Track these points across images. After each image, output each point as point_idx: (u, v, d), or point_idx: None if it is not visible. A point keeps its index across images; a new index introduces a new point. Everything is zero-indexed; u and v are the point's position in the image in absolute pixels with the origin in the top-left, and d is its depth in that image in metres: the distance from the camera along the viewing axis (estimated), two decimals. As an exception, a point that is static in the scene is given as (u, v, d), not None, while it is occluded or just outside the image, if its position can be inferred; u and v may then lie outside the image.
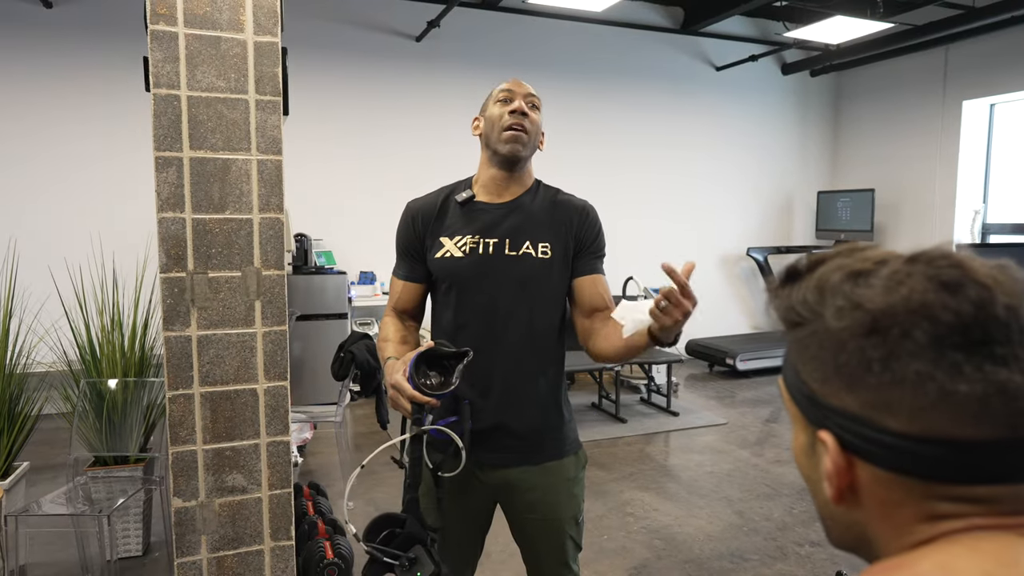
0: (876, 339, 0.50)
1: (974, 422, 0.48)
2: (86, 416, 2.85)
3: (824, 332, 0.54)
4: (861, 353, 0.51)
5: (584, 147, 6.61)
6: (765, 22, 6.97)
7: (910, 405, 0.49)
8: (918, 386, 0.48)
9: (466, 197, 1.58)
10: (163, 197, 1.93)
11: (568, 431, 1.63)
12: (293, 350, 5.05)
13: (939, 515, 0.51)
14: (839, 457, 0.52)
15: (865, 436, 0.51)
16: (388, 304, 1.70)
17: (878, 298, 0.51)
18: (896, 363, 0.49)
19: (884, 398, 0.50)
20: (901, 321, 0.49)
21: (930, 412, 0.48)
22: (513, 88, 1.57)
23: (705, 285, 7.25)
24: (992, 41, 6.04)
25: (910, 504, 0.51)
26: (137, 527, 2.95)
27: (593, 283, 1.58)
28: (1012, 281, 0.50)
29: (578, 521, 1.64)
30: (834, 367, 0.53)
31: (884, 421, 0.50)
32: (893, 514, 0.52)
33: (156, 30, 1.89)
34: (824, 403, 0.54)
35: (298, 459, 3.72)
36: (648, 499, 3.64)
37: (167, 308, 1.96)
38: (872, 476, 0.52)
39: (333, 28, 5.76)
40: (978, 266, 0.50)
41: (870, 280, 0.53)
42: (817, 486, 0.57)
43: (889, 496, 0.52)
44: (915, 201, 6.86)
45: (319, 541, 2.62)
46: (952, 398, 0.48)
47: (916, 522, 0.51)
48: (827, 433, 0.53)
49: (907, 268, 0.52)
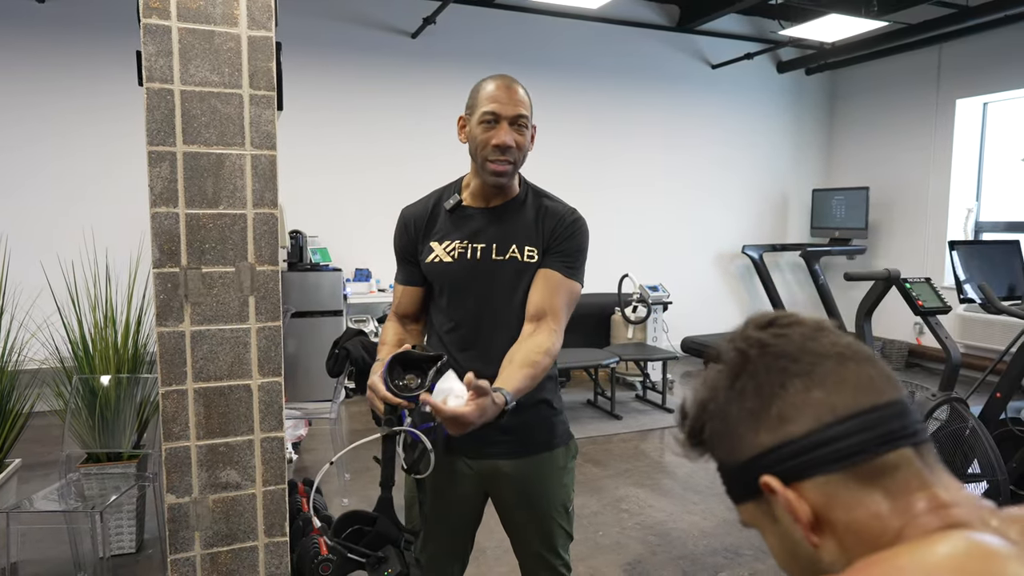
0: (741, 380, 0.63)
1: (837, 403, 0.60)
2: (79, 413, 2.83)
3: (715, 411, 0.65)
4: (738, 395, 0.63)
5: (580, 144, 6.60)
6: (761, 20, 6.98)
7: (791, 407, 0.60)
8: (785, 393, 0.61)
9: (454, 203, 1.60)
10: (156, 192, 1.92)
11: (558, 423, 1.65)
12: (288, 347, 5.03)
13: (891, 511, 0.57)
14: (787, 490, 0.60)
15: (787, 455, 0.60)
16: (391, 308, 1.73)
17: (726, 354, 0.66)
18: (763, 386, 0.62)
19: (775, 415, 0.61)
20: (751, 359, 0.63)
21: (804, 408, 0.60)
22: (499, 109, 1.48)
23: (700, 282, 7.27)
24: (985, 40, 6.06)
25: (860, 506, 0.58)
26: (130, 524, 2.94)
27: (539, 277, 1.54)
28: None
29: (568, 510, 1.67)
30: (733, 425, 0.63)
31: (789, 431, 0.60)
32: (855, 522, 0.58)
33: (149, 24, 1.87)
34: (749, 460, 0.63)
35: (292, 456, 3.71)
36: (643, 495, 3.64)
37: (160, 304, 1.95)
38: (819, 493, 0.59)
39: (328, 24, 5.74)
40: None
41: (719, 354, 0.68)
42: (802, 560, 0.62)
43: (841, 503, 0.58)
44: (909, 199, 6.89)
45: (313, 537, 2.61)
46: (808, 395, 0.60)
47: (879, 522, 0.57)
48: (766, 476, 0.61)
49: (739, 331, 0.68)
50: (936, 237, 6.55)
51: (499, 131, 1.49)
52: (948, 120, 6.49)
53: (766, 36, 6.88)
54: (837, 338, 0.64)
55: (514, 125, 1.50)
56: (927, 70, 6.64)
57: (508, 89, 1.50)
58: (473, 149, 1.54)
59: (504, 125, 1.49)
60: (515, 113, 1.49)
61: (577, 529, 3.13)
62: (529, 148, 1.58)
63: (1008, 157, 6.21)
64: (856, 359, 0.62)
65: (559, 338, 1.51)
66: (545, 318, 1.50)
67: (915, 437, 0.60)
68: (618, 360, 5.07)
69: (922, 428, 0.61)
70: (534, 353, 1.45)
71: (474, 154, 1.55)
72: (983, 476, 2.70)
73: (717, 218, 7.35)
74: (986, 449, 2.66)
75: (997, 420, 3.07)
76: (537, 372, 1.44)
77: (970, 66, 6.28)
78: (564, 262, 1.56)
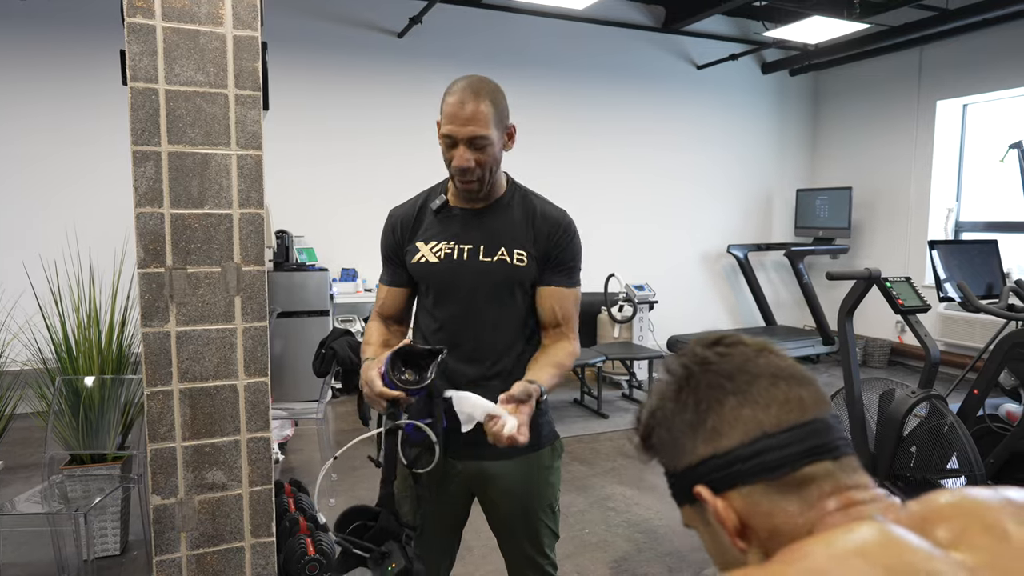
0: (684, 393, 0.69)
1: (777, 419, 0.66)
2: (62, 414, 2.81)
3: (661, 420, 0.71)
4: (681, 407, 0.69)
5: (565, 145, 6.63)
6: (745, 21, 7.04)
7: (724, 422, 0.66)
8: (720, 408, 0.67)
9: (440, 204, 1.61)
10: (141, 192, 1.91)
11: (544, 424, 1.66)
12: (274, 347, 5.01)
13: (805, 515, 0.63)
14: (715, 499, 0.65)
15: (718, 467, 0.66)
16: (374, 309, 1.73)
17: (674, 368, 0.72)
18: (702, 401, 0.68)
19: (710, 428, 0.66)
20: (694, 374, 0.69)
21: (735, 423, 0.66)
22: (454, 132, 1.45)
23: (686, 282, 7.31)
24: (965, 42, 6.14)
25: (779, 513, 0.63)
26: (115, 526, 2.92)
27: (549, 296, 1.60)
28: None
29: (554, 509, 1.68)
30: (676, 435, 0.69)
31: (721, 444, 0.66)
32: (775, 529, 0.63)
33: (133, 23, 1.87)
34: (686, 468, 0.68)
35: (279, 456, 3.70)
36: (629, 493, 3.67)
37: (145, 304, 1.94)
38: (744, 502, 0.65)
39: (314, 23, 5.72)
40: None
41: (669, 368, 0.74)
42: (730, 564, 0.68)
43: (763, 511, 0.64)
44: (891, 199, 6.97)
45: (300, 537, 2.61)
46: (740, 412, 0.66)
47: (793, 525, 0.63)
48: (699, 486, 0.67)
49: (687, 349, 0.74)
50: (917, 237, 6.63)
51: (456, 154, 1.47)
52: (929, 121, 6.58)
53: (750, 37, 6.94)
54: (775, 360, 0.70)
55: (471, 145, 1.46)
56: (908, 72, 6.73)
57: (463, 106, 1.44)
58: (445, 162, 1.54)
59: (461, 148, 1.46)
60: (469, 135, 1.45)
61: (563, 527, 3.15)
62: (507, 148, 1.56)
63: (987, 158, 6.31)
64: (788, 380, 0.68)
65: (578, 342, 1.65)
66: (561, 327, 1.61)
67: (835, 452, 0.65)
68: (604, 359, 5.09)
69: (843, 443, 0.67)
70: (559, 355, 1.57)
71: (446, 166, 1.55)
72: (961, 471, 2.75)
73: (703, 218, 7.40)
74: (964, 445, 2.70)
75: (975, 416, 3.12)
76: (563, 372, 1.56)
77: (950, 68, 6.37)
78: (566, 273, 1.61)
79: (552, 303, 1.60)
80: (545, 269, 1.60)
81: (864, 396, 3.11)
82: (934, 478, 2.81)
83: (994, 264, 3.36)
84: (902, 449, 2.89)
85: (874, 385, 3.15)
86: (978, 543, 0.58)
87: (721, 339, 0.72)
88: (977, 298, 3.03)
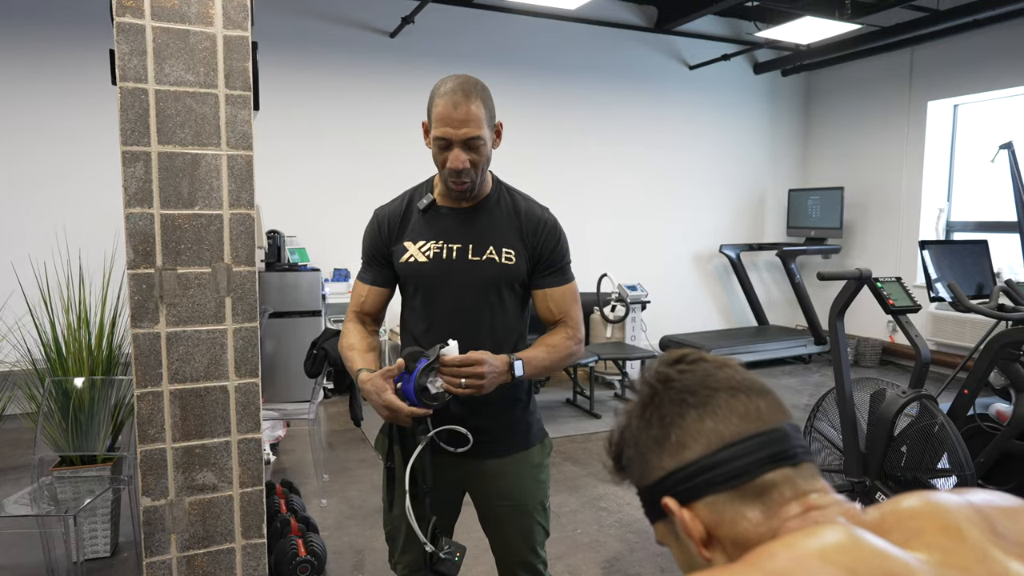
0: (648, 410, 0.72)
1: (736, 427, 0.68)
2: (52, 415, 2.79)
3: (628, 438, 0.74)
4: (646, 424, 0.71)
5: (557, 145, 6.63)
6: (737, 22, 7.06)
7: (687, 435, 0.68)
8: (683, 422, 0.69)
9: (427, 203, 1.61)
10: (130, 192, 1.90)
11: (533, 422, 1.69)
12: (266, 348, 5.00)
13: (767, 521, 0.64)
14: (682, 510, 0.67)
15: (683, 478, 0.68)
16: (351, 308, 1.72)
17: (639, 387, 0.75)
18: (666, 416, 0.70)
19: (674, 442, 0.69)
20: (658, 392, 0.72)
21: (697, 435, 0.68)
22: (448, 134, 1.45)
23: (678, 282, 7.33)
24: (956, 43, 6.18)
25: (742, 520, 0.65)
26: (105, 527, 2.90)
27: (544, 297, 1.63)
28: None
29: (545, 507, 1.70)
30: (643, 452, 0.71)
31: (685, 456, 0.68)
32: (739, 536, 0.65)
33: (122, 23, 1.86)
34: (654, 483, 0.70)
35: (270, 457, 3.69)
36: (621, 493, 3.67)
37: (135, 305, 1.93)
38: (709, 512, 0.67)
39: (306, 23, 5.70)
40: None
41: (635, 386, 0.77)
42: (694, 563, 0.70)
43: (727, 520, 0.66)
44: (882, 199, 7.00)
45: (291, 539, 2.60)
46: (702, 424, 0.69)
47: (756, 532, 0.64)
48: (666, 498, 0.69)
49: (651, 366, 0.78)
50: (909, 236, 6.67)
51: (451, 156, 1.47)
52: (920, 122, 6.61)
53: (743, 37, 6.95)
54: (734, 373, 0.72)
55: (466, 146, 1.47)
56: (900, 72, 6.76)
57: (456, 107, 1.44)
58: (436, 164, 1.54)
59: (456, 150, 1.47)
60: (465, 137, 1.46)
61: (556, 527, 3.16)
62: (496, 146, 1.57)
63: (978, 158, 6.34)
64: (748, 392, 0.70)
65: (579, 329, 1.65)
66: (560, 320, 1.64)
67: (794, 459, 0.68)
68: (597, 359, 5.10)
69: (801, 451, 0.69)
70: (552, 338, 1.60)
71: (437, 168, 1.55)
72: (952, 471, 2.76)
73: (695, 218, 7.42)
74: (954, 445, 2.72)
75: (965, 416, 3.14)
76: (554, 353, 1.57)
77: (941, 68, 6.40)
78: (557, 272, 1.63)
79: (548, 303, 1.63)
80: (536, 271, 1.62)
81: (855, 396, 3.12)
82: (925, 478, 2.82)
83: (984, 264, 3.38)
84: (893, 449, 2.90)
85: (865, 385, 3.16)
86: (934, 543, 0.60)
87: (683, 357, 0.75)
88: (967, 298, 3.04)
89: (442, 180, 1.56)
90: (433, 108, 1.48)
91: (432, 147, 1.51)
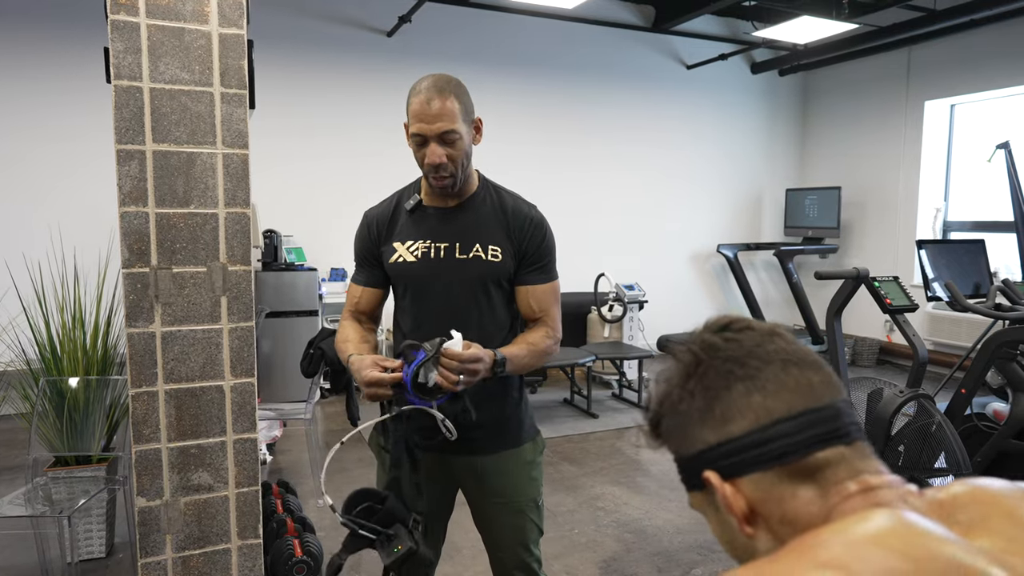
0: (692, 381, 0.68)
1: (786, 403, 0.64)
2: (46, 415, 2.78)
3: (669, 408, 0.70)
4: (688, 394, 0.68)
5: (554, 144, 6.62)
6: (735, 21, 7.05)
7: (733, 409, 0.65)
8: (729, 395, 0.66)
9: (413, 204, 1.63)
10: (125, 191, 1.89)
11: (525, 419, 1.70)
12: (263, 347, 4.98)
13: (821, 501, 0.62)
14: (724, 485, 0.65)
15: (727, 453, 0.65)
16: (346, 308, 1.74)
17: (681, 355, 0.72)
18: (710, 388, 0.67)
19: (718, 415, 0.66)
20: (702, 362, 0.69)
21: (744, 410, 0.65)
22: (423, 130, 1.48)
23: (676, 281, 7.33)
24: (953, 43, 6.19)
25: (792, 499, 0.63)
26: (100, 528, 2.89)
27: (526, 294, 1.65)
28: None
29: (538, 504, 1.71)
30: (684, 422, 0.68)
31: (730, 430, 0.65)
32: (788, 514, 0.63)
33: (117, 20, 1.84)
34: (695, 455, 0.68)
35: (267, 457, 3.67)
36: (618, 493, 3.67)
37: (130, 304, 1.92)
38: (754, 489, 0.64)
39: (302, 21, 5.69)
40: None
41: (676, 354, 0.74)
42: (739, 549, 0.68)
43: (774, 498, 0.63)
44: (880, 198, 7.01)
45: (288, 539, 2.59)
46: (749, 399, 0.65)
47: (808, 511, 0.62)
48: (708, 471, 0.66)
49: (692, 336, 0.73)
50: (906, 236, 6.67)
51: (428, 151, 1.51)
52: (917, 121, 6.62)
53: (740, 37, 6.95)
54: (785, 344, 0.68)
55: (442, 141, 1.50)
56: (897, 72, 6.77)
57: (429, 104, 1.47)
58: (416, 161, 1.57)
59: (432, 145, 1.50)
60: (439, 131, 1.48)
61: (553, 527, 3.15)
62: (476, 142, 1.60)
63: (975, 158, 6.35)
64: (800, 365, 0.66)
65: (556, 328, 1.66)
66: (540, 318, 1.65)
67: (847, 438, 0.64)
68: (594, 359, 5.09)
69: (855, 428, 0.65)
70: (532, 336, 1.62)
71: (418, 165, 1.58)
72: (949, 470, 2.76)
73: (692, 217, 7.42)
74: (952, 444, 2.72)
75: (962, 415, 3.14)
76: (534, 350, 1.58)
77: (938, 68, 6.41)
78: (540, 270, 1.65)
79: (529, 300, 1.64)
80: (520, 268, 1.63)
81: (852, 395, 3.12)
82: (922, 477, 2.82)
83: (981, 264, 3.38)
84: (890, 448, 2.90)
85: (862, 384, 3.16)
86: (999, 529, 0.58)
87: (730, 323, 0.71)
88: (965, 297, 3.05)
89: (425, 178, 1.58)
90: (409, 106, 1.52)
91: (411, 145, 1.54)
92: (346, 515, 1.39)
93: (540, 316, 1.64)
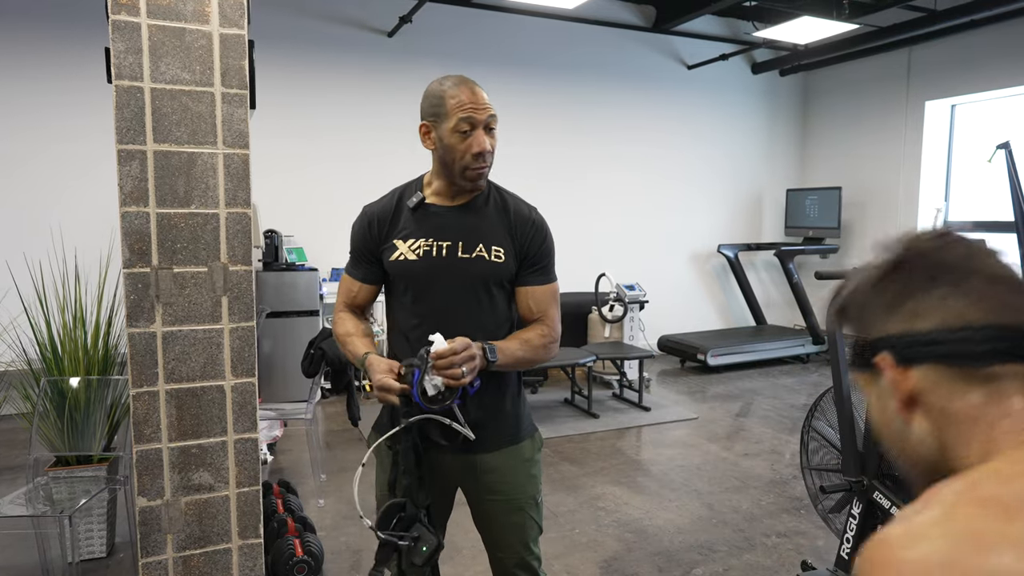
0: (891, 276, 0.69)
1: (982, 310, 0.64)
2: (47, 415, 2.78)
3: (860, 297, 0.71)
4: (881, 290, 0.69)
5: (555, 144, 6.62)
6: (735, 21, 7.06)
7: (926, 307, 0.65)
8: (926, 297, 0.66)
9: (417, 201, 1.62)
10: (126, 191, 1.89)
11: (523, 417, 1.71)
12: (263, 347, 4.99)
13: (987, 407, 0.63)
14: (894, 369, 0.66)
15: (907, 343, 0.66)
16: (339, 301, 1.74)
17: (890, 250, 0.71)
18: (909, 285, 0.67)
19: (908, 309, 0.66)
20: (907, 261, 0.69)
21: (937, 311, 0.65)
22: (474, 113, 1.50)
23: (677, 281, 7.33)
24: (953, 43, 6.19)
25: (959, 399, 0.64)
26: (101, 528, 2.89)
27: (526, 295, 1.65)
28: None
29: (537, 502, 1.71)
30: (868, 312, 0.70)
31: (916, 325, 0.66)
32: (951, 410, 0.64)
33: (118, 20, 1.85)
34: (876, 341, 0.69)
35: (268, 457, 3.68)
36: (619, 493, 3.67)
37: (131, 304, 1.92)
38: (924, 379, 0.65)
39: (303, 22, 5.69)
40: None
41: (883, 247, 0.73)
42: (893, 430, 0.70)
43: (943, 392, 0.65)
44: (880, 199, 7.01)
45: (288, 539, 2.60)
46: (945, 302, 0.65)
47: (971, 416, 0.63)
48: (881, 355, 0.67)
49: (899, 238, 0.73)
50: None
51: (477, 138, 1.51)
52: (918, 121, 6.62)
53: (741, 37, 6.96)
54: (996, 263, 0.69)
55: (487, 129, 1.53)
56: (897, 72, 6.77)
57: (474, 93, 1.51)
58: (449, 158, 1.54)
59: (480, 132, 1.52)
60: (488, 116, 1.52)
61: (553, 527, 3.15)
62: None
63: (975, 158, 6.35)
64: (1007, 283, 0.67)
65: (555, 328, 1.66)
66: (539, 319, 1.65)
67: None
68: (595, 359, 5.09)
69: None
70: (528, 333, 1.62)
71: (450, 162, 1.55)
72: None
73: (693, 218, 7.42)
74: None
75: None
76: (529, 347, 1.59)
77: (939, 68, 6.41)
78: (540, 271, 1.65)
79: (528, 301, 1.65)
80: (521, 269, 1.64)
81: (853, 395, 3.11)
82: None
83: (981, 264, 3.38)
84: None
85: (863, 384, 3.16)
86: None
87: (945, 234, 0.71)
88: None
89: (458, 172, 1.55)
90: (447, 100, 1.51)
91: (450, 138, 1.52)
92: (383, 530, 1.45)
93: (539, 317, 1.65)
